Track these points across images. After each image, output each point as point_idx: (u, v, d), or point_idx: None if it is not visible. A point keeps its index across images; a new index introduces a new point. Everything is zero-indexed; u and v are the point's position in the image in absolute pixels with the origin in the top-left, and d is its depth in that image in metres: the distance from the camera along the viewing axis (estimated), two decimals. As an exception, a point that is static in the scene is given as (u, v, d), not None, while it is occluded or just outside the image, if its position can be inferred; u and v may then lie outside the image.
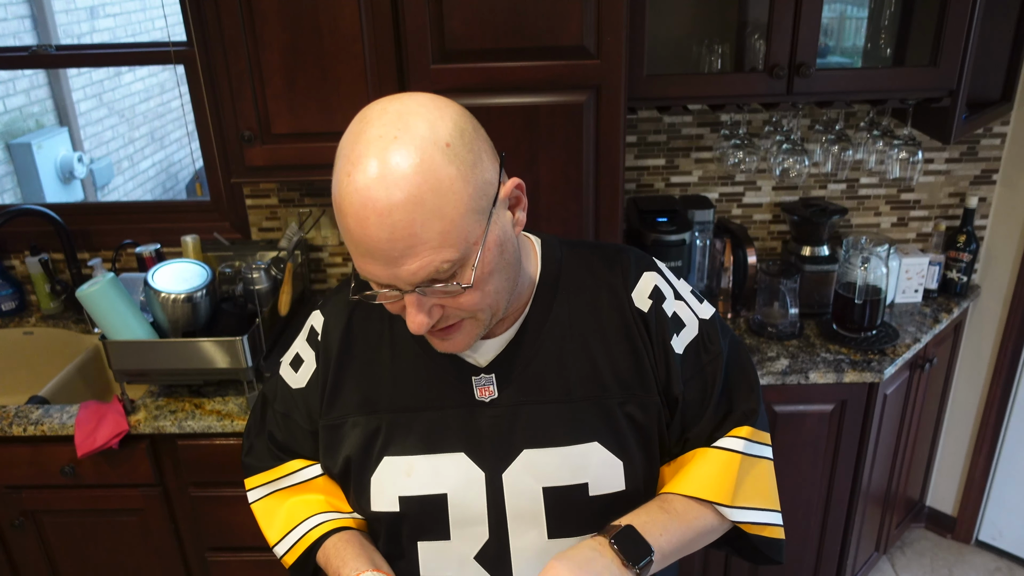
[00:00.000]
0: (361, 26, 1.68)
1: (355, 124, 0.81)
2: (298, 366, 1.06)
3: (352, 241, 0.80)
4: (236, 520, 1.89)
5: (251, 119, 1.76)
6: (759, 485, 1.02)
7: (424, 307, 0.84)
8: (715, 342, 1.02)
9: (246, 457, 1.12)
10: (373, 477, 0.99)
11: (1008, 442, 2.42)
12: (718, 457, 1.00)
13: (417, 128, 0.78)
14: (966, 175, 2.25)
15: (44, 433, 1.79)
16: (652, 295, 1.00)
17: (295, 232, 2.08)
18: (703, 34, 1.97)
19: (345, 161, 0.78)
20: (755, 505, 1.01)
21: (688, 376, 1.00)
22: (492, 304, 0.88)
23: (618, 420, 0.97)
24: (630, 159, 2.21)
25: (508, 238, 0.88)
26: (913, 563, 2.55)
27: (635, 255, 1.04)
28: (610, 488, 0.97)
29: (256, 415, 1.12)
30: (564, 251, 1.03)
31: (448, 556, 0.99)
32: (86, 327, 2.24)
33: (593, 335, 0.98)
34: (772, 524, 1.03)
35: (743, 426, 1.01)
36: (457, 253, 0.80)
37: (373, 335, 1.01)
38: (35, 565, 1.99)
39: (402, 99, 0.82)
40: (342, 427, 1.01)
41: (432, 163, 0.77)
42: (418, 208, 0.76)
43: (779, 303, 2.05)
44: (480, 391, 0.97)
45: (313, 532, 1.03)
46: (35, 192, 4.08)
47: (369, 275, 0.82)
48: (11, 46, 3.93)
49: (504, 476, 0.96)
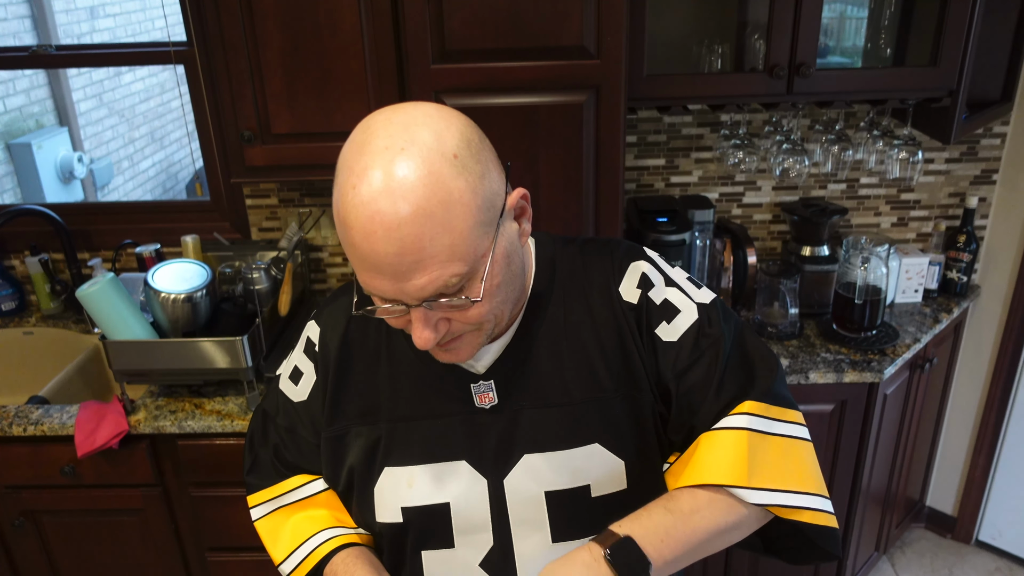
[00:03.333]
0: (361, 26, 1.68)
1: (358, 134, 0.78)
2: (298, 379, 1.04)
3: (357, 255, 0.77)
4: (236, 520, 1.89)
5: (251, 119, 1.76)
6: (786, 464, 0.92)
7: (431, 322, 0.82)
8: (715, 325, 0.96)
9: (248, 475, 1.09)
10: (376, 488, 0.98)
11: (1008, 442, 2.42)
12: (723, 437, 0.92)
13: (424, 139, 0.76)
14: (966, 175, 2.25)
15: (44, 433, 1.79)
16: (640, 284, 0.97)
17: (295, 232, 2.08)
18: (703, 34, 1.97)
19: (349, 173, 0.76)
20: (783, 487, 0.90)
21: (687, 363, 0.95)
22: (497, 315, 0.87)
23: (618, 419, 0.96)
24: (630, 159, 2.21)
25: (514, 249, 0.86)
26: (913, 563, 2.55)
27: (624, 247, 1.01)
28: (612, 488, 0.97)
29: (257, 431, 1.09)
30: (557, 249, 1.01)
31: (453, 564, 0.98)
32: (86, 327, 2.24)
33: (588, 334, 0.97)
34: (814, 508, 0.91)
35: (747, 401, 0.93)
36: (466, 267, 0.78)
37: (370, 345, 1.00)
38: (35, 565, 1.99)
39: (406, 109, 0.79)
40: (345, 437, 1.00)
41: (440, 175, 0.74)
42: (427, 222, 0.74)
43: (779, 303, 2.05)
44: (480, 398, 0.96)
45: (321, 548, 1.00)
46: (35, 192, 4.08)
47: (374, 290, 0.80)
48: (11, 46, 3.93)
49: (506, 482, 0.95)
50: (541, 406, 0.96)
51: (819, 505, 0.92)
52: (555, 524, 0.97)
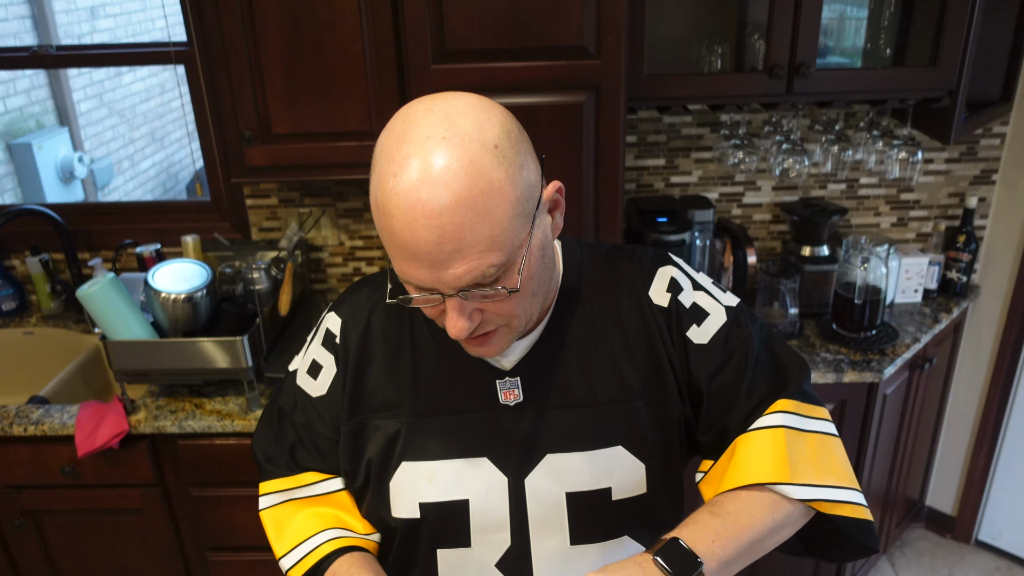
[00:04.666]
0: (361, 26, 1.68)
1: (398, 123, 0.78)
2: (317, 372, 1.01)
3: (395, 243, 0.77)
4: (236, 520, 1.89)
5: (251, 119, 1.76)
6: (823, 459, 0.93)
7: (465, 312, 0.82)
8: (743, 326, 0.97)
9: (266, 463, 1.05)
10: (392, 483, 0.96)
11: (1008, 442, 2.42)
12: (761, 437, 0.92)
13: (465, 129, 0.76)
14: (966, 175, 2.25)
15: (44, 433, 1.80)
16: (670, 288, 0.98)
17: (295, 232, 2.08)
18: (703, 34, 1.97)
19: (390, 161, 0.76)
20: (824, 482, 0.91)
21: (717, 364, 0.95)
22: (528, 309, 0.87)
23: (641, 423, 0.95)
24: (630, 159, 2.21)
25: (548, 242, 0.87)
26: (913, 563, 2.55)
27: (651, 253, 1.02)
28: (633, 492, 0.96)
29: (272, 426, 1.05)
30: (584, 253, 1.01)
31: (468, 563, 0.97)
32: (86, 327, 2.24)
33: (615, 337, 0.97)
34: (853, 503, 0.92)
35: (780, 399, 0.94)
36: (503, 257, 0.78)
37: (393, 337, 0.99)
38: (35, 565, 1.99)
39: (447, 98, 0.80)
40: (364, 430, 0.98)
41: (482, 165, 0.75)
42: (468, 211, 0.74)
43: (779, 303, 2.05)
44: (504, 395, 0.95)
45: (323, 548, 0.98)
46: (35, 192, 4.09)
47: (411, 278, 0.79)
48: (11, 46, 3.93)
49: (527, 481, 0.95)
50: (566, 406, 0.95)
51: (856, 499, 0.93)
52: (575, 526, 0.96)
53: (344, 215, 2.24)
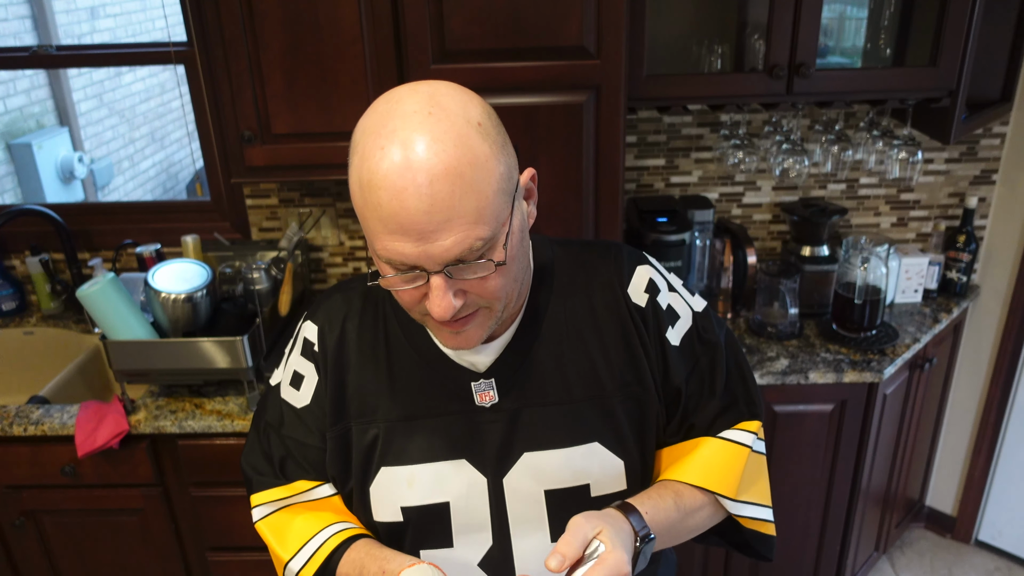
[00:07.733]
0: (361, 26, 1.68)
1: (381, 104, 0.80)
2: (299, 383, 1.02)
3: (382, 217, 0.77)
4: (236, 520, 1.89)
5: (251, 119, 1.76)
6: (760, 479, 1.03)
7: (450, 291, 0.81)
8: (711, 331, 1.02)
9: (256, 475, 1.04)
10: (372, 488, 0.97)
11: (1008, 442, 2.42)
12: (727, 449, 1.00)
13: (449, 107, 0.78)
14: (966, 175, 2.25)
15: (44, 433, 1.80)
16: (648, 288, 1.00)
17: (295, 232, 2.08)
18: (703, 34, 1.97)
19: (375, 136, 0.77)
20: (756, 501, 1.02)
21: (691, 365, 1.00)
22: (509, 292, 0.87)
23: (618, 419, 0.96)
24: (630, 159, 2.21)
25: (525, 227, 0.88)
26: (913, 563, 2.55)
27: (627, 250, 1.03)
28: (612, 488, 0.97)
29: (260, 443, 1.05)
30: (555, 250, 1.02)
31: (451, 564, 0.98)
32: (86, 327, 2.24)
33: (590, 333, 0.97)
34: (767, 520, 1.04)
35: (754, 421, 1.02)
36: (489, 231, 0.79)
37: (367, 343, 0.99)
38: (35, 565, 2.00)
39: (428, 83, 0.82)
40: (348, 435, 0.98)
41: (469, 139, 0.77)
42: (458, 180, 0.75)
43: (779, 303, 2.05)
44: (480, 396, 0.96)
45: (331, 540, 0.97)
46: (35, 192, 4.09)
47: (396, 254, 0.79)
48: (11, 46, 3.93)
49: (505, 481, 0.95)
50: (541, 404, 0.96)
51: (770, 517, 1.04)
52: (554, 523, 0.97)
53: (344, 215, 2.24)
